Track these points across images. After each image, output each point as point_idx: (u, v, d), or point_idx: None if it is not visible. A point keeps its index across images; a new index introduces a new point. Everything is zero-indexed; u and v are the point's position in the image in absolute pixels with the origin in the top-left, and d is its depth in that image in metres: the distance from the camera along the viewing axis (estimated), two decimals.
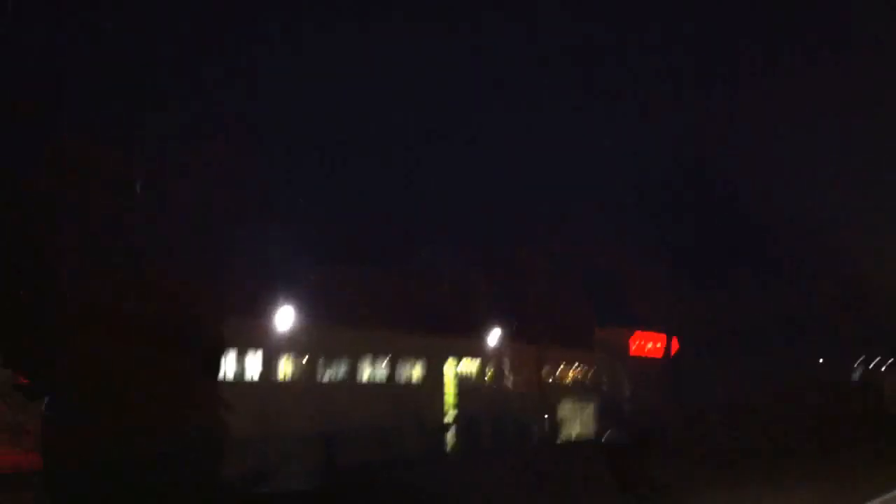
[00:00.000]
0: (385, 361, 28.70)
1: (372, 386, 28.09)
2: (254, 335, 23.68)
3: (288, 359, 25.43)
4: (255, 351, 24.14)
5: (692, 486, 16.96)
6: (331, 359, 26.76)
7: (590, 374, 40.36)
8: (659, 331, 43.75)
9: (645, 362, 42.43)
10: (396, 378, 29.10)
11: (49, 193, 14.69)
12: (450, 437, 29.96)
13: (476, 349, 32.45)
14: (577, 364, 39.21)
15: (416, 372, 30.08)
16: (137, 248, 15.65)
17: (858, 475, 18.53)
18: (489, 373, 33.55)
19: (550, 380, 38.04)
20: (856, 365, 44.83)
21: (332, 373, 26.96)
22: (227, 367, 22.97)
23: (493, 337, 32.83)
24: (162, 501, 12.93)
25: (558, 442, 34.88)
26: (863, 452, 22.02)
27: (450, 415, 30.73)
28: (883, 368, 48.36)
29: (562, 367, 38.63)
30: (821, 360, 39.81)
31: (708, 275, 40.15)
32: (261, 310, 23.73)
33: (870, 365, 47.55)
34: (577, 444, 34.19)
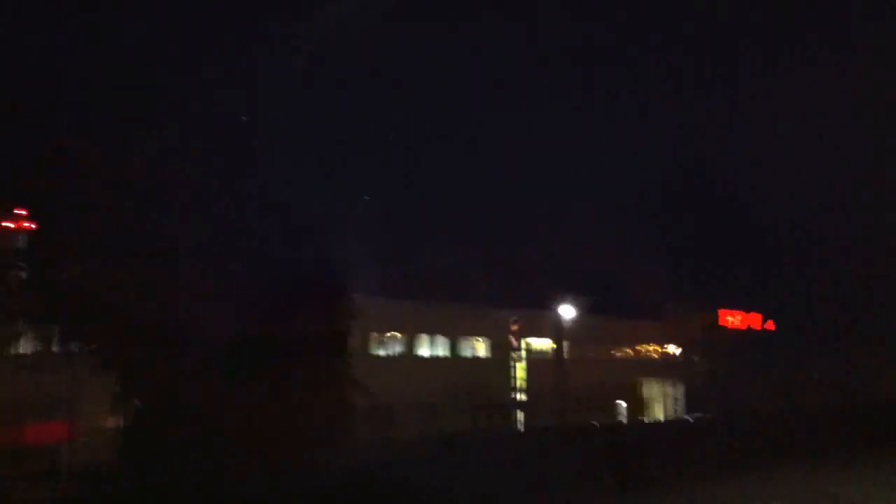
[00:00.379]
0: (444, 336, 27.60)
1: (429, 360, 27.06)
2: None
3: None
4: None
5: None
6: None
7: (676, 351, 38.02)
8: (749, 310, 41.04)
9: (735, 340, 39.58)
10: (461, 353, 27.98)
11: None
12: (518, 414, 28.49)
13: (548, 325, 30.72)
14: (661, 340, 36.89)
15: (480, 347, 28.81)
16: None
17: None
18: (563, 349, 31.82)
19: (632, 356, 36.05)
20: None
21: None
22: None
23: (568, 311, 30.99)
24: None
25: (643, 421, 33.00)
26: None
27: (520, 392, 29.22)
28: None
29: (645, 343, 36.49)
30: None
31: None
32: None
33: None
34: (662, 425, 32.28)
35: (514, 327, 28.54)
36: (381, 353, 25.99)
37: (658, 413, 35.38)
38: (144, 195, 14.99)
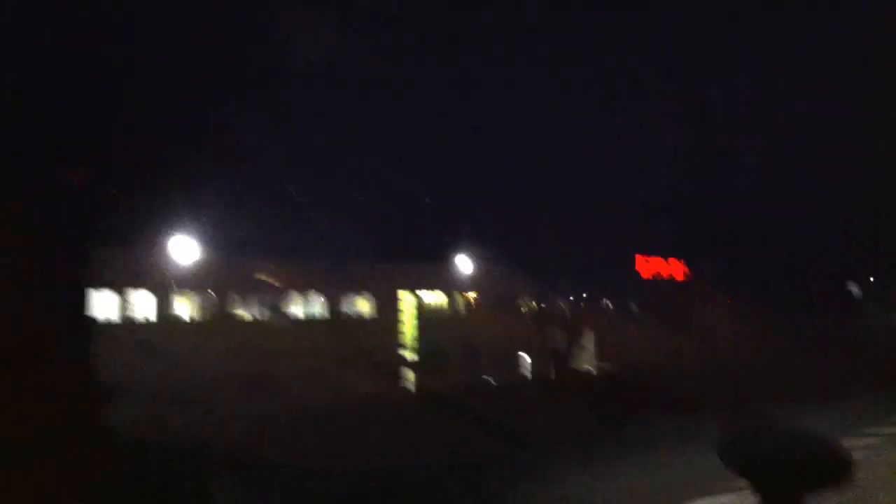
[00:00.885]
0: (325, 294, 25.22)
1: (308, 322, 24.63)
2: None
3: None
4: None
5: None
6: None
7: (583, 302, 36.54)
8: (669, 256, 39.94)
9: (653, 288, 38.45)
10: (339, 312, 25.62)
11: None
12: (409, 374, 26.46)
13: (441, 277, 28.75)
14: (572, 289, 35.21)
15: (364, 305, 26.60)
16: None
17: None
18: (459, 303, 29.91)
19: (535, 309, 34.36)
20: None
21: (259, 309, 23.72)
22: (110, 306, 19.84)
23: (463, 264, 29.10)
24: None
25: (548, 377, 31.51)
26: None
27: (410, 351, 27.26)
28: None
29: (550, 294, 34.79)
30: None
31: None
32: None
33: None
34: (564, 380, 30.95)
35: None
36: (245, 314, 23.66)
37: (567, 364, 33.94)
38: None
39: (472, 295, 29.93)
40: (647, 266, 38.57)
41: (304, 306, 25.01)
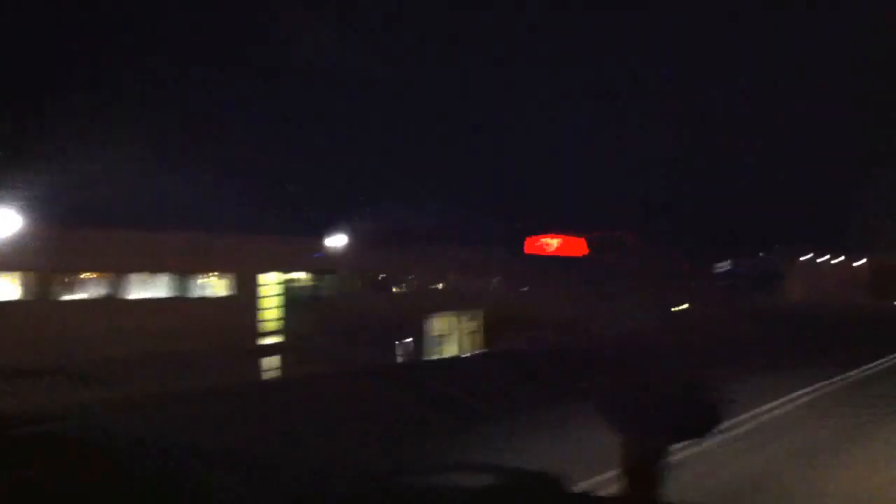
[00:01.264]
0: (167, 273, 23.07)
1: (146, 303, 22.44)
2: None
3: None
4: None
5: None
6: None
7: (476, 279, 35.32)
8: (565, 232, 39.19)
9: (546, 264, 37.59)
10: (183, 293, 23.50)
11: None
12: (267, 361, 24.67)
13: (311, 256, 27.00)
14: (458, 267, 33.77)
15: (215, 285, 24.65)
16: None
17: None
18: (329, 283, 28.21)
19: (421, 287, 32.98)
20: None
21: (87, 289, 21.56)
22: None
23: (334, 240, 27.41)
24: None
25: (425, 360, 30.20)
26: None
27: (269, 335, 25.49)
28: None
29: (438, 270, 33.39)
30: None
31: None
32: None
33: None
34: (446, 362, 29.74)
35: None
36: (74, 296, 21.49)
37: (452, 349, 32.81)
38: None
39: (344, 274, 28.34)
40: (539, 246, 37.75)
41: (150, 285, 22.92)
